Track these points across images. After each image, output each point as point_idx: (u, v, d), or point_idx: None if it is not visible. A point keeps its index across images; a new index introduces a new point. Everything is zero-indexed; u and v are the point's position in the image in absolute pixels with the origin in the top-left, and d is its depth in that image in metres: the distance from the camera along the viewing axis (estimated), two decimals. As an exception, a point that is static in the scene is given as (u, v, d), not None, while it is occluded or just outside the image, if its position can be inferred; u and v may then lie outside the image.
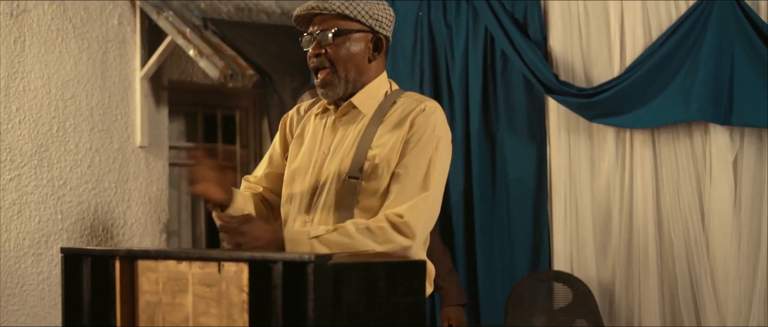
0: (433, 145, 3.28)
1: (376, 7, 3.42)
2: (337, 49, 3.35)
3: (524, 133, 5.98)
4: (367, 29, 3.39)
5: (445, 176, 3.34)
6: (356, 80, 3.39)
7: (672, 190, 5.53)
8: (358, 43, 3.38)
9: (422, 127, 3.29)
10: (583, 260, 5.76)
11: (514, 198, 6.01)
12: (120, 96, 6.40)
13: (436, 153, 3.27)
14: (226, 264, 2.78)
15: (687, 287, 5.47)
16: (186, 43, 6.19)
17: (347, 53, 3.36)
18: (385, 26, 3.44)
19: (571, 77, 5.80)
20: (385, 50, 3.47)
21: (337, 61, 3.35)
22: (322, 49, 3.36)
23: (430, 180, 3.23)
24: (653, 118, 5.54)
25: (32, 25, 6.00)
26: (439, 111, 3.36)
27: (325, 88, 3.38)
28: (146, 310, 2.99)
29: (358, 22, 3.38)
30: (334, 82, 3.37)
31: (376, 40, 3.43)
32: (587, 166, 5.79)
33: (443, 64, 6.20)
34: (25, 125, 5.96)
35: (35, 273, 5.99)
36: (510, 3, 5.96)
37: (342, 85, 3.37)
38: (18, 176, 5.93)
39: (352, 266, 2.71)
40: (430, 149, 3.26)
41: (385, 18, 3.44)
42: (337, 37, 3.35)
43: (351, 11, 3.35)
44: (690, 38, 5.42)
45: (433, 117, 3.31)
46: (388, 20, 3.45)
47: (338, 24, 3.36)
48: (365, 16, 3.38)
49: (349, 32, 3.36)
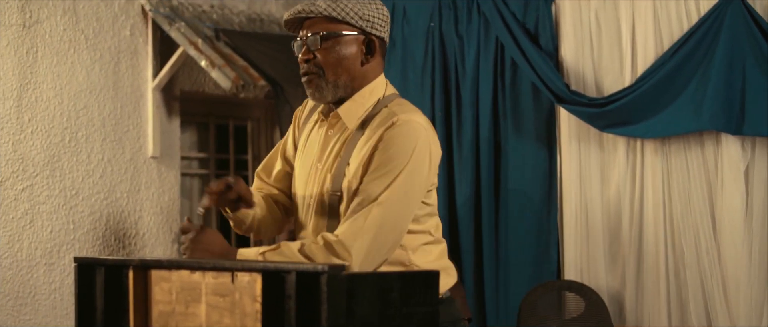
0: (397, 162, 3.11)
1: (366, 7, 3.26)
2: (326, 54, 3.23)
3: (534, 143, 5.98)
4: (357, 31, 3.25)
5: (416, 189, 3.17)
6: (347, 85, 3.25)
7: (683, 199, 5.53)
8: (348, 45, 3.24)
9: (388, 142, 3.13)
10: (594, 269, 5.76)
11: (524, 207, 6.01)
12: (132, 106, 6.41)
13: (402, 170, 3.10)
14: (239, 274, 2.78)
15: (698, 296, 5.46)
16: (198, 54, 6.20)
17: (337, 57, 3.23)
18: (377, 27, 3.28)
19: (582, 87, 5.80)
20: (380, 52, 3.32)
21: (326, 66, 3.23)
22: (311, 54, 3.24)
23: (386, 193, 3.10)
24: (664, 127, 5.53)
25: (45, 36, 6.01)
26: (411, 124, 3.16)
27: (313, 92, 3.27)
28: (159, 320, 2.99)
29: (347, 24, 3.23)
30: (322, 86, 3.25)
31: (369, 42, 3.27)
32: (598, 175, 5.79)
33: (454, 74, 6.21)
34: (38, 135, 5.97)
35: (47, 282, 6.00)
36: (521, 13, 5.97)
37: (330, 90, 3.25)
38: (30, 186, 5.94)
39: (366, 277, 2.71)
40: (393, 165, 3.11)
41: (377, 18, 3.27)
42: (325, 40, 3.22)
43: (339, 13, 3.22)
44: (701, 48, 5.42)
45: (402, 131, 3.14)
46: (381, 20, 3.28)
47: (327, 27, 3.23)
48: (355, 17, 3.23)
49: (338, 35, 3.23)
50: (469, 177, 6.09)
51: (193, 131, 7.13)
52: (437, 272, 2.85)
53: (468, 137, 6.10)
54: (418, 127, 3.18)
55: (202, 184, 7.04)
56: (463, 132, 6.12)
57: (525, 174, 5.99)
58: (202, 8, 6.73)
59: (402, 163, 3.12)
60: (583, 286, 5.64)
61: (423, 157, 3.18)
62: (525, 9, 5.97)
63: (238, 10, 6.99)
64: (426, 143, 3.19)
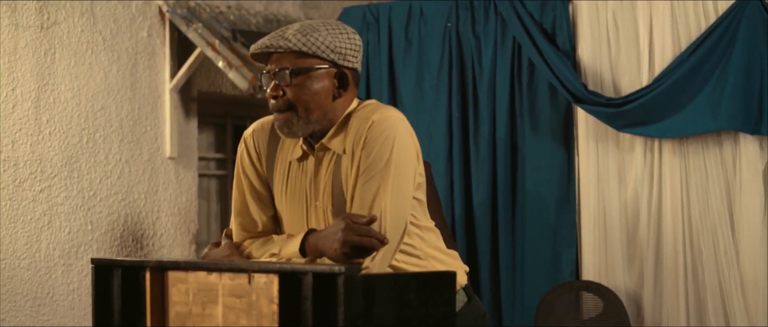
0: (383, 160, 3.04)
1: (338, 39, 3.11)
2: (296, 90, 3.09)
3: (552, 143, 5.97)
4: (329, 65, 3.11)
5: (408, 179, 3.09)
6: (321, 119, 3.12)
7: (701, 199, 5.51)
8: (319, 80, 3.10)
9: (369, 145, 3.06)
10: (612, 270, 5.74)
11: (541, 208, 5.99)
12: (149, 107, 6.43)
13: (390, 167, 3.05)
14: (256, 275, 2.78)
15: (716, 297, 5.44)
16: (215, 55, 6.21)
17: (308, 93, 3.09)
18: (349, 58, 3.13)
19: (600, 87, 5.79)
20: (353, 83, 3.17)
21: (297, 103, 3.09)
22: (281, 90, 3.11)
23: (380, 195, 3.04)
24: (682, 127, 5.52)
25: (62, 38, 6.03)
26: (387, 120, 3.09)
27: (284, 129, 3.13)
28: (176, 321, 3.00)
29: (318, 57, 3.09)
30: (294, 123, 3.11)
31: (341, 76, 3.13)
32: (615, 175, 5.77)
33: (470, 74, 6.20)
34: (56, 137, 5.99)
35: (65, 283, 6.02)
36: (538, 13, 5.96)
37: (302, 126, 3.12)
38: (48, 187, 5.96)
39: (383, 278, 2.70)
40: (380, 166, 3.04)
41: (349, 49, 3.13)
42: (295, 76, 3.08)
43: (309, 47, 3.07)
44: (719, 47, 5.41)
45: (381, 128, 3.07)
46: (353, 51, 3.14)
47: (296, 62, 3.08)
48: (325, 50, 3.09)
49: (309, 70, 3.09)
50: (486, 177, 6.08)
51: (211, 132, 7.14)
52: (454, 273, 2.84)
53: (485, 138, 6.09)
54: (395, 121, 3.10)
55: (220, 184, 7.05)
56: (480, 133, 6.12)
57: (542, 174, 5.98)
58: (219, 9, 6.74)
59: (387, 160, 3.05)
60: (600, 287, 5.63)
61: (407, 147, 3.10)
62: (542, 9, 5.96)
63: (255, 11, 7.00)
64: (406, 135, 3.11)
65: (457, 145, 6.17)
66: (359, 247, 2.95)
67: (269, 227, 3.30)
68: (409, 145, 3.10)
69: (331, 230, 3.01)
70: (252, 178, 3.30)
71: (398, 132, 3.08)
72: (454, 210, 6.14)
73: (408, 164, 3.10)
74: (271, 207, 3.30)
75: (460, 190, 6.13)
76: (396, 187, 3.06)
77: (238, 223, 3.33)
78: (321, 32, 3.10)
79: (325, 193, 3.16)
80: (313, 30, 3.11)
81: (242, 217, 3.32)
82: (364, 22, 6.51)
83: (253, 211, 3.30)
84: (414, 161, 3.13)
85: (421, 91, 6.32)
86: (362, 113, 3.13)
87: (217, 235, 7.01)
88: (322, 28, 3.13)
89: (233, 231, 3.35)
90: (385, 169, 3.05)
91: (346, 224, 2.96)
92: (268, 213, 3.30)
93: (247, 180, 3.31)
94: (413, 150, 3.12)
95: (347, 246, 2.95)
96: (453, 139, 6.19)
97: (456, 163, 6.16)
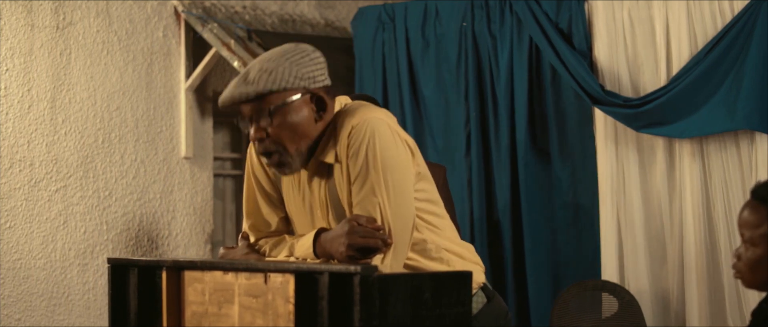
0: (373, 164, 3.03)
1: (300, 65, 3.09)
2: (279, 128, 3.08)
3: (572, 144, 5.95)
4: (301, 92, 3.08)
5: (404, 176, 3.07)
6: (311, 146, 3.12)
7: (721, 199, 5.49)
8: (297, 111, 3.09)
9: (353, 150, 3.06)
10: (632, 270, 5.72)
11: (562, 208, 5.98)
12: (165, 107, 6.43)
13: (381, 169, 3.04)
14: (272, 275, 2.78)
15: (736, 296, 5.42)
16: (230, 55, 6.21)
17: (291, 126, 3.08)
18: (318, 79, 3.12)
19: (617, 87, 5.76)
20: (329, 97, 3.15)
21: (284, 140, 3.09)
22: (263, 132, 3.10)
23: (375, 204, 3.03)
24: (699, 127, 5.50)
25: (78, 38, 6.04)
26: (368, 122, 3.07)
27: (284, 171, 3.15)
28: (192, 321, 3.00)
29: (289, 90, 3.07)
30: (288, 161, 3.11)
31: (318, 99, 3.12)
32: (636, 176, 5.74)
33: (488, 75, 6.19)
34: (71, 137, 6.00)
35: (81, 283, 6.03)
36: (554, 13, 5.94)
37: (297, 160, 3.11)
38: (64, 187, 5.97)
39: (398, 277, 2.70)
40: (371, 171, 3.03)
41: (315, 70, 3.12)
42: (274, 115, 3.07)
43: (278, 84, 3.06)
44: (736, 46, 5.39)
45: (361, 132, 3.06)
46: (319, 70, 3.13)
47: (270, 102, 3.07)
48: (294, 80, 3.07)
49: (285, 104, 3.07)
50: (507, 177, 6.06)
51: (226, 132, 7.14)
52: (470, 273, 2.84)
53: (505, 140, 6.07)
54: (374, 122, 3.09)
55: (235, 184, 7.05)
56: (500, 134, 6.10)
57: (564, 174, 5.97)
58: (234, 9, 6.74)
59: (374, 161, 3.04)
60: (616, 286, 5.61)
61: (390, 145, 3.08)
62: (557, 9, 5.94)
63: (270, 11, 7.00)
64: (386, 132, 3.09)
65: (475, 145, 6.15)
66: (365, 248, 2.97)
67: (281, 227, 3.32)
68: (390, 143, 3.08)
69: (336, 233, 3.03)
70: (262, 180, 3.32)
71: (377, 131, 3.06)
72: (473, 210, 6.13)
73: (397, 160, 3.09)
74: (281, 208, 3.32)
75: (479, 191, 6.12)
76: (391, 185, 3.05)
77: (250, 224, 3.35)
78: (283, 65, 3.08)
79: (323, 204, 3.17)
80: (276, 65, 3.09)
81: (254, 217, 3.34)
82: (379, 22, 6.51)
83: (264, 213, 3.32)
84: (403, 156, 3.11)
85: (441, 91, 6.32)
86: (343, 120, 3.13)
87: (232, 234, 7.01)
88: (282, 59, 3.10)
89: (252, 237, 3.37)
90: (375, 170, 3.04)
91: (350, 227, 2.99)
92: (279, 214, 3.32)
93: (257, 183, 3.33)
94: (399, 145, 3.10)
95: (352, 248, 2.97)
96: (471, 139, 6.17)
97: (474, 164, 6.15)
